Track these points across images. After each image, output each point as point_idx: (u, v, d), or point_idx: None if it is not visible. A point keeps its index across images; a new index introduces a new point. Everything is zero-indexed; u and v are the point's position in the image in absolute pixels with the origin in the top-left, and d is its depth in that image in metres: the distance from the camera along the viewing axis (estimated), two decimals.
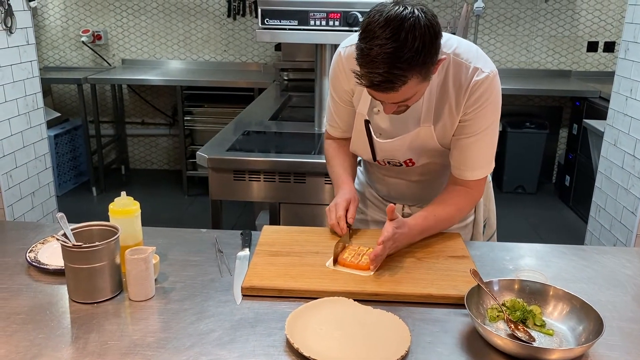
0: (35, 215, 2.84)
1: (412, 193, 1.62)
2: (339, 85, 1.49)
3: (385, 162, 1.53)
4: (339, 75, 1.48)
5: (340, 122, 1.58)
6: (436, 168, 1.54)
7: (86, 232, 1.23)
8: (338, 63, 1.47)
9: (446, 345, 1.06)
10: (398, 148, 1.47)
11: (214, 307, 1.17)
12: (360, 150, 1.55)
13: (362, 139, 1.50)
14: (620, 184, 2.71)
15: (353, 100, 1.50)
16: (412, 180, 1.58)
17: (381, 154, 1.51)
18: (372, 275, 1.26)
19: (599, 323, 1.04)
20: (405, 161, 1.50)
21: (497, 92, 1.38)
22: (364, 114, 1.46)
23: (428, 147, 1.45)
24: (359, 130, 1.50)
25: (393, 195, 1.65)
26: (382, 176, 1.63)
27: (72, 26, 4.83)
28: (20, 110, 2.70)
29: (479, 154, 1.43)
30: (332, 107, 1.58)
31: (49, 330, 1.08)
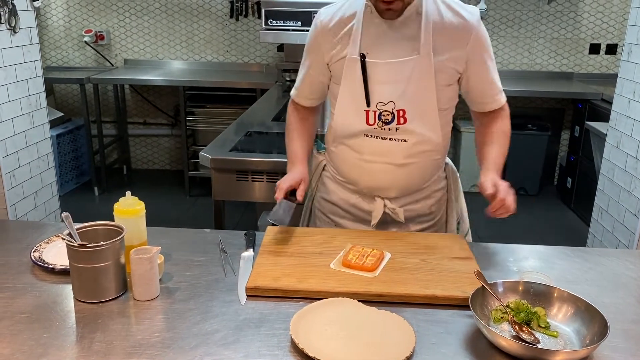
0: (38, 214, 2.84)
1: (395, 182, 1.55)
2: (316, 48, 1.53)
3: (376, 117, 1.47)
4: (316, 38, 1.52)
5: (305, 87, 1.62)
6: (424, 149, 1.51)
7: (91, 231, 1.23)
8: (316, 22, 1.52)
9: (451, 347, 1.06)
10: (394, 77, 1.44)
11: (218, 307, 1.17)
12: (352, 103, 1.49)
13: (354, 84, 1.47)
14: (622, 186, 2.70)
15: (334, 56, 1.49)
16: (397, 164, 1.52)
17: (376, 92, 1.46)
18: (376, 277, 1.27)
19: (603, 325, 1.04)
20: (398, 111, 1.45)
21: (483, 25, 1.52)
22: (355, 56, 1.45)
23: (425, 91, 1.45)
24: (350, 77, 1.47)
25: (374, 186, 1.57)
26: (363, 163, 1.54)
27: (74, 26, 4.84)
28: (24, 109, 2.70)
29: (495, 79, 1.56)
30: (302, 72, 1.61)
31: (54, 330, 1.08)
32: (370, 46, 1.45)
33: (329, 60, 1.52)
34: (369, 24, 1.45)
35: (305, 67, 1.59)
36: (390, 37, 1.44)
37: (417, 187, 1.59)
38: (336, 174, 1.65)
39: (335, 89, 1.53)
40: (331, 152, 1.64)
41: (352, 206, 1.63)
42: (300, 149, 1.62)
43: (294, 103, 1.68)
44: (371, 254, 1.32)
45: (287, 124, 1.68)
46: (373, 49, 1.45)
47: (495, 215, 1.37)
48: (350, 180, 1.61)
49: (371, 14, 1.44)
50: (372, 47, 1.45)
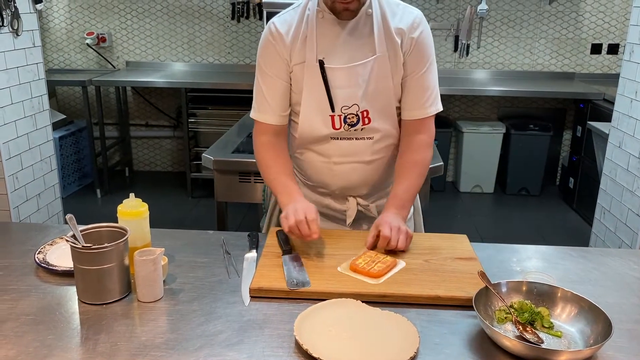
0: (41, 217, 2.85)
1: (365, 179, 1.56)
2: (274, 55, 1.48)
3: (341, 121, 1.47)
4: (273, 45, 1.47)
5: (273, 102, 1.50)
6: (387, 143, 1.54)
7: (95, 233, 1.24)
8: (271, 33, 1.48)
9: (454, 347, 1.06)
10: (355, 81, 1.45)
11: (222, 309, 1.17)
12: (316, 108, 1.48)
13: (316, 91, 1.46)
14: (625, 186, 2.70)
15: (292, 63, 1.47)
16: (365, 162, 1.53)
17: (340, 96, 1.46)
18: (382, 273, 1.26)
19: (607, 325, 1.04)
20: (362, 112, 1.47)
21: (429, 29, 1.51)
22: (313, 63, 1.45)
23: (384, 90, 1.47)
24: (312, 83, 1.46)
25: (345, 186, 1.57)
26: (331, 165, 1.54)
27: (76, 29, 4.85)
28: (26, 112, 2.71)
29: (430, 86, 1.51)
30: (263, 89, 1.51)
31: (59, 331, 1.09)
32: (327, 51, 1.45)
33: (290, 65, 1.49)
34: (322, 29, 1.45)
35: (266, 79, 1.50)
36: (345, 40, 1.45)
37: (385, 181, 1.61)
38: (305, 179, 1.65)
39: (297, 97, 1.51)
40: (297, 159, 1.62)
41: (325, 207, 1.64)
42: (290, 181, 1.51)
43: (261, 131, 1.54)
44: (382, 261, 1.30)
45: (261, 162, 1.55)
46: (330, 54, 1.45)
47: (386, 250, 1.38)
48: (321, 184, 1.61)
49: (323, 19, 1.45)
50: (328, 52, 1.45)
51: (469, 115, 4.87)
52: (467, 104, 4.85)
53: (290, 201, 1.43)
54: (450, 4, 4.63)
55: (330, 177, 1.58)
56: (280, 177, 1.51)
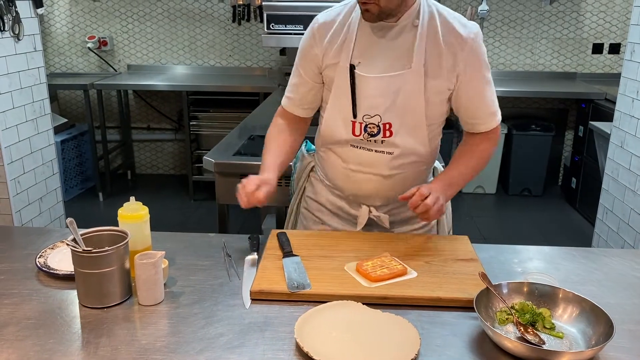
0: (43, 220, 2.86)
1: (380, 192, 1.54)
2: (310, 53, 1.50)
3: (362, 129, 1.47)
4: (310, 43, 1.50)
5: (297, 95, 1.57)
6: (410, 160, 1.51)
7: (95, 237, 1.24)
8: (312, 31, 1.50)
9: (456, 349, 1.06)
10: (382, 92, 1.43)
11: (223, 312, 1.17)
12: (339, 111, 1.48)
13: (342, 94, 1.46)
14: (627, 185, 2.70)
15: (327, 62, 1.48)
16: (382, 175, 1.51)
17: (363, 104, 1.45)
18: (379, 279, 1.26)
19: (609, 326, 1.04)
20: (384, 125, 1.45)
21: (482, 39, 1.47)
22: (346, 65, 1.44)
23: (412, 106, 1.44)
24: (340, 85, 1.46)
25: (359, 195, 1.57)
26: (349, 172, 1.54)
27: (78, 32, 4.86)
28: (28, 116, 2.72)
29: (491, 99, 1.50)
30: (293, 79, 1.58)
31: (60, 335, 1.09)
32: (363, 55, 1.44)
33: (323, 65, 1.49)
34: (363, 32, 1.44)
35: (299, 74, 1.55)
36: (383, 47, 1.43)
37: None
38: (324, 178, 1.65)
39: (326, 95, 1.53)
40: (319, 156, 1.64)
41: (339, 209, 1.63)
42: (273, 161, 1.53)
43: (280, 113, 1.63)
44: (389, 267, 1.29)
45: (267, 135, 1.61)
46: (365, 59, 1.44)
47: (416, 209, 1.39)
48: (336, 187, 1.61)
49: (365, 24, 1.43)
50: (364, 57, 1.44)
51: None
52: None
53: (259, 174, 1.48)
54: (450, 5, 4.62)
55: (346, 182, 1.57)
56: (265, 155, 1.55)
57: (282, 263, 1.33)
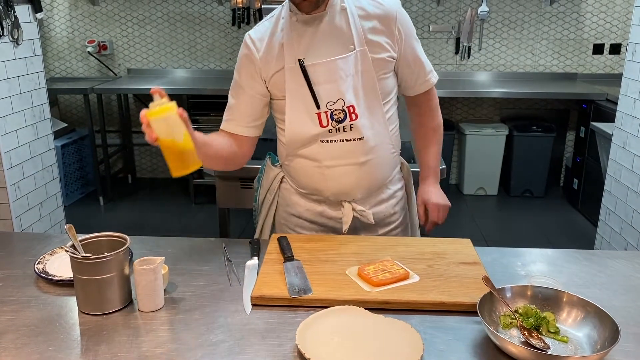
0: (43, 225, 2.85)
1: (359, 181, 1.54)
2: (250, 68, 1.50)
3: (328, 118, 1.46)
4: (249, 58, 1.50)
5: (237, 112, 1.55)
6: (379, 142, 1.52)
7: (94, 243, 1.23)
8: (247, 45, 1.51)
9: (459, 353, 1.05)
10: (339, 75, 1.44)
11: (223, 318, 1.16)
12: (301, 109, 1.48)
13: (299, 91, 1.47)
14: (630, 186, 2.68)
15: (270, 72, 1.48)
16: (358, 163, 1.51)
17: (324, 93, 1.45)
18: (381, 283, 1.25)
19: (614, 330, 1.03)
20: (348, 108, 1.45)
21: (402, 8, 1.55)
22: (293, 65, 1.46)
23: (366, 83, 1.48)
24: (294, 85, 1.47)
25: (340, 191, 1.54)
26: (324, 169, 1.52)
27: (77, 37, 4.86)
28: (28, 121, 2.71)
29: (423, 59, 1.58)
30: (235, 99, 1.55)
31: (59, 343, 1.08)
32: (305, 51, 1.45)
33: (266, 77, 1.49)
34: (297, 31, 1.46)
35: (242, 90, 1.53)
36: (322, 37, 1.45)
37: (380, 184, 1.59)
38: (297, 187, 1.62)
39: (279, 104, 1.52)
40: (287, 167, 1.61)
41: (319, 215, 1.60)
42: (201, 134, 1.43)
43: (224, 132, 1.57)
44: (391, 271, 1.27)
45: None
46: (308, 54, 1.45)
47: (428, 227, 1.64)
48: (313, 190, 1.58)
49: (297, 22, 1.46)
50: (307, 52, 1.45)
51: (472, 118, 4.85)
52: (469, 106, 4.84)
53: None
54: (451, 6, 4.62)
55: (323, 183, 1.54)
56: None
57: (283, 268, 1.32)
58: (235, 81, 1.56)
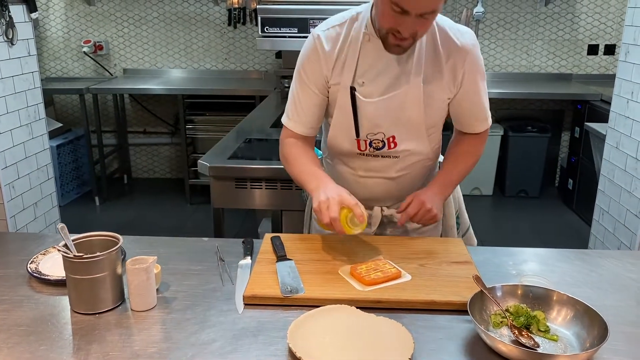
0: (38, 226, 2.84)
1: (390, 193, 1.58)
2: (317, 69, 1.45)
3: (367, 144, 1.49)
4: (317, 59, 1.45)
5: (305, 114, 1.50)
6: (414, 160, 1.54)
7: (87, 242, 1.23)
8: (317, 46, 1.44)
9: (450, 352, 1.05)
10: (383, 113, 1.44)
11: (215, 317, 1.16)
12: (343, 130, 1.49)
13: (345, 114, 1.46)
14: (623, 186, 2.70)
15: (331, 81, 1.46)
16: (390, 178, 1.55)
17: (366, 125, 1.46)
18: (374, 282, 1.25)
19: (603, 328, 1.03)
20: (388, 139, 1.47)
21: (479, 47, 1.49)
22: (347, 85, 1.44)
23: (413, 118, 1.46)
24: (342, 106, 1.46)
25: (369, 198, 1.58)
26: (357, 178, 1.57)
27: (73, 37, 4.85)
28: (22, 121, 2.71)
29: (486, 106, 1.54)
30: (299, 97, 1.50)
31: (51, 342, 1.08)
32: (365, 75, 1.43)
33: (330, 81, 1.47)
34: (365, 52, 1.42)
35: (304, 90, 1.49)
36: (387, 66, 1.42)
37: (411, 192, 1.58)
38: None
39: (331, 109, 1.51)
40: (327, 163, 1.65)
41: None
42: (318, 169, 1.48)
43: (288, 134, 1.55)
44: (383, 270, 1.28)
45: (288, 155, 1.53)
46: (367, 79, 1.43)
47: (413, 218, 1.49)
48: None
49: (369, 42, 1.41)
50: (366, 76, 1.43)
51: None
52: None
53: (320, 185, 1.39)
54: (446, 7, 4.63)
55: (356, 188, 1.56)
56: (307, 166, 1.48)
57: (276, 267, 1.32)
58: (300, 80, 1.49)
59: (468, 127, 1.57)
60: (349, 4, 2.78)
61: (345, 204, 1.32)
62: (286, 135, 1.55)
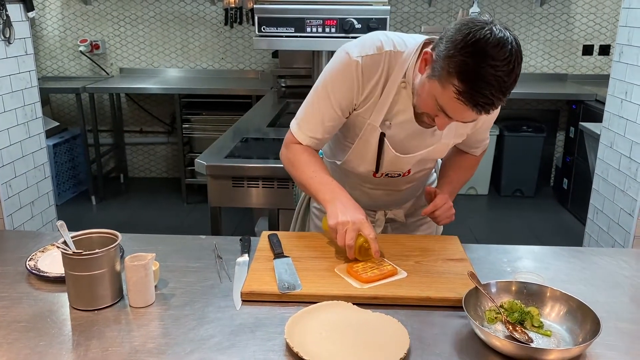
0: (35, 224, 2.84)
1: (395, 201, 1.64)
2: (347, 94, 1.37)
3: (383, 175, 1.51)
4: (351, 85, 1.35)
5: (319, 130, 1.43)
6: (422, 173, 1.58)
7: (86, 239, 1.24)
8: (353, 71, 1.34)
9: (445, 348, 1.07)
10: (408, 162, 1.47)
11: (213, 313, 1.18)
12: (362, 164, 1.48)
13: (367, 152, 1.44)
14: (617, 186, 2.72)
15: (358, 110, 1.40)
16: (396, 190, 1.59)
17: (387, 166, 1.47)
18: (370, 280, 1.27)
19: (596, 323, 1.05)
20: (404, 172, 1.51)
21: None
22: (376, 125, 1.39)
23: (434, 157, 1.51)
24: (366, 143, 1.43)
25: (372, 205, 1.62)
26: (366, 189, 1.59)
27: (70, 36, 4.85)
28: (19, 120, 2.71)
29: (488, 132, 1.61)
30: (317, 111, 1.42)
31: (50, 338, 1.09)
32: (393, 117, 1.39)
33: (356, 109, 1.40)
34: (399, 97, 1.37)
35: (327, 106, 1.39)
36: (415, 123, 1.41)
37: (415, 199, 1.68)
38: None
39: (350, 135, 1.47)
40: (335, 165, 1.60)
41: None
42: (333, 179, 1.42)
43: (294, 141, 1.47)
44: (380, 267, 1.29)
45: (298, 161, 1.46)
46: (394, 121, 1.39)
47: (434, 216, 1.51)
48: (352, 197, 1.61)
49: (405, 89, 1.36)
50: (394, 119, 1.39)
51: None
52: None
53: (335, 198, 1.36)
54: (442, 7, 4.65)
55: (362, 197, 1.57)
56: (319, 174, 1.42)
57: (273, 264, 1.33)
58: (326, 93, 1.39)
59: (468, 151, 1.63)
60: (347, 3, 2.80)
61: (364, 234, 1.30)
62: (292, 140, 1.49)
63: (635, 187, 2.55)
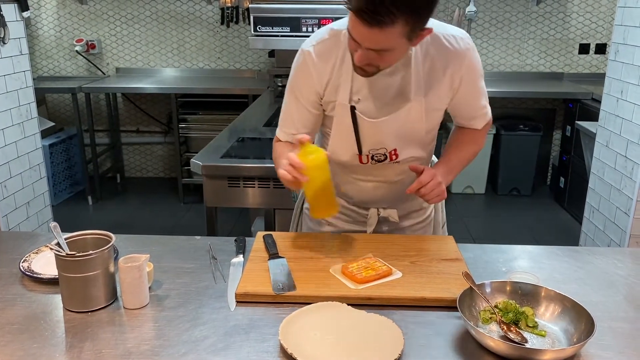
0: (31, 225, 2.84)
1: (387, 196, 1.59)
2: (309, 84, 1.42)
3: (369, 158, 1.49)
4: (309, 76, 1.41)
5: (297, 127, 1.48)
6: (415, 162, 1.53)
7: (80, 241, 1.23)
8: (308, 62, 1.40)
9: (439, 348, 1.07)
10: (387, 131, 1.43)
11: (208, 314, 1.17)
12: (344, 146, 1.48)
13: (345, 131, 1.45)
14: (613, 184, 2.72)
15: (325, 98, 1.44)
16: (389, 182, 1.55)
17: (368, 142, 1.45)
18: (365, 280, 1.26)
19: (590, 323, 1.05)
20: (390, 152, 1.47)
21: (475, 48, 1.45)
22: (345, 103, 1.41)
23: (415, 131, 1.46)
24: (341, 123, 1.44)
25: (366, 201, 1.60)
26: (356, 181, 1.57)
27: (65, 36, 4.84)
28: (14, 120, 2.71)
29: (484, 102, 1.55)
30: (292, 109, 1.48)
31: (43, 340, 1.08)
32: (360, 92, 1.40)
33: (323, 98, 1.44)
34: None
35: (296, 103, 1.46)
36: (380, 84, 1.40)
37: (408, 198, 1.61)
38: None
39: (328, 122, 1.49)
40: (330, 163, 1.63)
41: (347, 209, 1.65)
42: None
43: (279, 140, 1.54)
44: (374, 268, 1.29)
45: (275, 153, 1.52)
46: (362, 96, 1.40)
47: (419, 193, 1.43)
48: (344, 194, 1.62)
49: None
50: (361, 93, 1.40)
51: None
52: None
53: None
54: (438, 6, 4.63)
55: (354, 191, 1.58)
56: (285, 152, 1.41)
57: (268, 265, 1.33)
58: (292, 93, 1.47)
59: (467, 125, 1.58)
60: (342, 3, 2.79)
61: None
62: (275, 139, 1.56)
63: (631, 185, 2.55)
